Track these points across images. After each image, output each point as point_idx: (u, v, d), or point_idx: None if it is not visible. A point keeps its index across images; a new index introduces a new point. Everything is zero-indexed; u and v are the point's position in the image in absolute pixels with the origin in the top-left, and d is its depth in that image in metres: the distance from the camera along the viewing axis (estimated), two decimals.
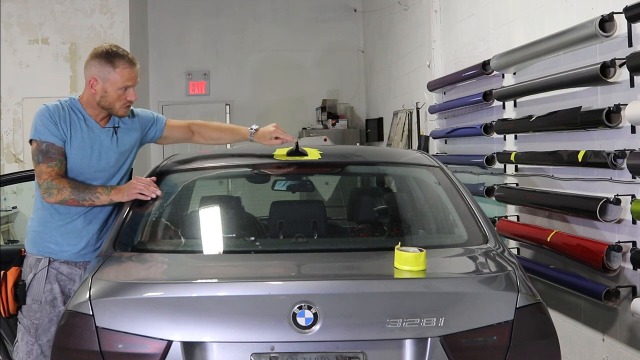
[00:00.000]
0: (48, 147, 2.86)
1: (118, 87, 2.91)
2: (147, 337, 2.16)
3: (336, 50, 10.70)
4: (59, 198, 2.85)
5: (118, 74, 2.90)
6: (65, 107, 2.95)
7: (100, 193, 2.88)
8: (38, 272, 2.93)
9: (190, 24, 10.53)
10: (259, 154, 3.39)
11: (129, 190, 2.89)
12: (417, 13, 7.30)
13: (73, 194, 2.85)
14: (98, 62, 2.92)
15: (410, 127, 7.49)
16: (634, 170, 3.28)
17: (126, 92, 2.94)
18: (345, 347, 2.18)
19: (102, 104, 2.94)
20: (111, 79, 2.90)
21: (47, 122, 2.88)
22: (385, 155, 3.78)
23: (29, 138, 2.95)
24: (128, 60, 2.94)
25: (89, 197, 2.87)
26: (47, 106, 2.93)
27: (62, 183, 2.85)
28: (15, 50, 8.62)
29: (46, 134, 2.87)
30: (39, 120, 2.89)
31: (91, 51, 2.99)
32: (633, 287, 3.48)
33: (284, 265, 2.59)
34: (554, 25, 4.12)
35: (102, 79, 2.91)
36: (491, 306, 2.24)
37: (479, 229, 2.77)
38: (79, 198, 2.86)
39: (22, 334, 2.92)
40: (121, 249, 2.66)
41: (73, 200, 2.86)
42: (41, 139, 2.87)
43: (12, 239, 7.64)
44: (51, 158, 2.87)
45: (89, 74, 2.95)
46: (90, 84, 2.93)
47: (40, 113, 2.91)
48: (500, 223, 4.77)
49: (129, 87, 2.94)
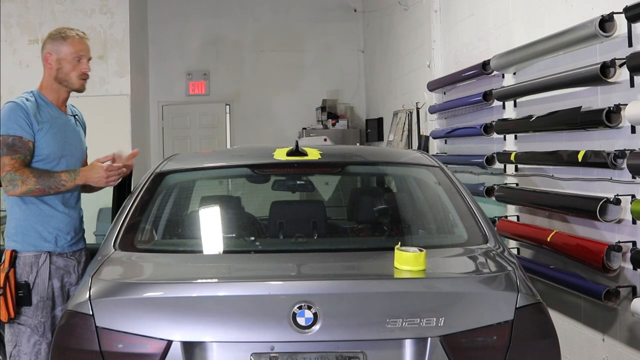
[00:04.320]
0: (14, 140, 2.88)
1: (71, 57, 3.05)
2: (147, 337, 2.17)
3: (336, 50, 10.71)
4: (24, 189, 2.86)
5: (69, 43, 3.07)
6: (32, 99, 3.01)
7: (65, 180, 2.92)
8: (40, 269, 2.93)
9: (190, 24, 10.53)
10: (259, 154, 3.39)
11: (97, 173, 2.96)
12: (417, 13, 7.30)
13: (38, 183, 2.86)
14: (50, 39, 3.10)
15: (410, 127, 7.49)
16: (634, 170, 3.28)
17: (80, 63, 3.07)
18: (345, 347, 2.18)
19: (60, 76, 3.06)
20: (63, 49, 3.05)
21: (17, 117, 2.91)
22: (385, 155, 3.78)
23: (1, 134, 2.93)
24: (77, 33, 3.12)
25: (55, 184, 2.90)
26: (16, 102, 2.97)
27: (26, 173, 2.86)
28: (15, 50, 8.62)
29: (14, 128, 2.89)
30: (8, 115, 2.91)
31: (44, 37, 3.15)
32: (633, 287, 3.47)
33: (284, 265, 2.59)
34: (554, 25, 4.12)
35: (55, 52, 3.05)
36: (491, 306, 2.24)
37: (479, 229, 2.77)
38: (45, 187, 2.88)
39: (27, 336, 2.89)
40: (121, 249, 2.66)
41: (39, 189, 2.88)
42: (8, 133, 2.89)
43: None
44: (16, 151, 2.88)
45: (43, 53, 3.09)
46: (46, 59, 3.07)
47: (10, 109, 2.94)
48: (500, 223, 4.77)
49: (82, 57, 3.08)
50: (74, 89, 3.12)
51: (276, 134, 10.45)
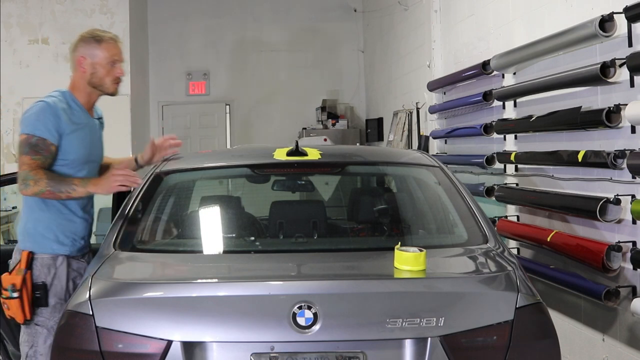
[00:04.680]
0: (38, 141, 2.85)
1: (106, 62, 3.01)
2: (147, 337, 2.17)
3: (336, 50, 10.71)
4: (35, 190, 2.84)
5: (104, 48, 3.01)
6: (63, 99, 2.97)
7: (76, 185, 2.87)
8: (58, 271, 2.92)
9: (190, 24, 10.53)
10: (259, 154, 3.39)
11: (109, 182, 2.88)
12: (417, 13, 7.30)
13: (49, 185, 2.83)
14: (83, 42, 3.04)
15: (410, 127, 7.49)
16: (634, 170, 3.28)
17: (114, 67, 3.04)
18: (345, 347, 2.18)
19: (93, 81, 3.02)
20: (98, 54, 3.01)
21: (46, 118, 2.87)
22: (385, 155, 3.78)
23: (20, 132, 2.92)
24: (111, 37, 3.07)
25: (66, 189, 2.85)
26: (47, 102, 2.92)
27: (39, 174, 2.83)
28: (15, 50, 8.62)
29: (40, 129, 2.86)
30: (37, 115, 2.87)
31: (75, 38, 3.09)
32: (633, 287, 3.48)
33: (284, 265, 2.59)
34: (554, 25, 4.12)
35: (89, 56, 3.00)
36: (491, 306, 2.24)
37: (479, 229, 2.77)
38: (56, 190, 2.84)
39: (44, 337, 2.87)
40: (121, 249, 2.65)
41: (49, 192, 2.84)
42: (34, 134, 2.86)
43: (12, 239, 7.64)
44: (37, 152, 2.85)
45: (76, 55, 3.03)
46: (79, 62, 3.01)
47: (40, 109, 2.89)
48: (500, 223, 4.77)
49: (116, 61, 3.04)
50: (107, 93, 3.09)
51: (276, 134, 10.44)
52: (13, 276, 2.85)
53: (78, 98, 3.03)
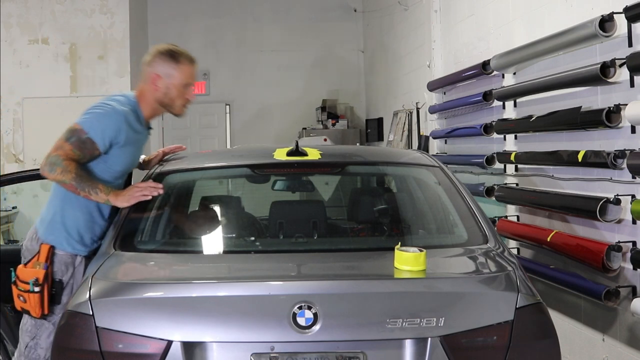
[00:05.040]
0: (87, 140, 2.78)
1: (181, 84, 2.97)
2: (147, 337, 2.16)
3: (336, 50, 10.71)
4: (58, 178, 2.77)
5: (181, 70, 2.97)
6: (131, 111, 2.90)
7: (100, 190, 2.81)
8: (76, 270, 2.91)
9: (190, 24, 10.53)
10: (259, 154, 3.39)
11: (130, 194, 2.83)
12: (417, 13, 7.30)
13: (75, 180, 2.76)
14: (161, 59, 2.97)
15: (410, 127, 7.49)
16: (634, 170, 3.28)
17: (187, 90, 3.00)
18: (345, 347, 2.18)
19: (164, 101, 2.97)
20: (174, 75, 2.96)
21: (107, 126, 2.80)
22: (385, 155, 3.78)
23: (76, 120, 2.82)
24: (189, 58, 3.02)
25: (89, 189, 2.79)
26: (118, 111, 2.84)
27: (70, 167, 2.76)
28: (15, 50, 8.62)
29: (96, 132, 2.79)
30: (101, 118, 2.81)
31: (151, 50, 3.04)
32: (633, 287, 3.48)
33: (284, 265, 2.59)
34: (554, 25, 4.12)
35: (165, 76, 2.95)
36: (491, 306, 2.24)
37: (479, 229, 2.77)
38: (79, 187, 2.78)
39: (48, 332, 2.86)
40: (121, 249, 2.65)
41: (72, 185, 2.77)
42: (88, 132, 2.78)
43: (12, 239, 7.64)
44: (81, 149, 2.79)
45: (151, 71, 2.97)
46: (153, 79, 2.95)
47: (107, 114, 2.82)
48: (500, 223, 4.77)
49: (189, 84, 3.00)
50: (173, 114, 3.05)
51: (276, 134, 10.45)
52: (34, 270, 2.82)
53: (143, 110, 2.98)
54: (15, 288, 2.85)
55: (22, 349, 2.94)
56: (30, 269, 2.83)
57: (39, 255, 2.86)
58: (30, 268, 2.84)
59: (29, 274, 2.81)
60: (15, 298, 2.86)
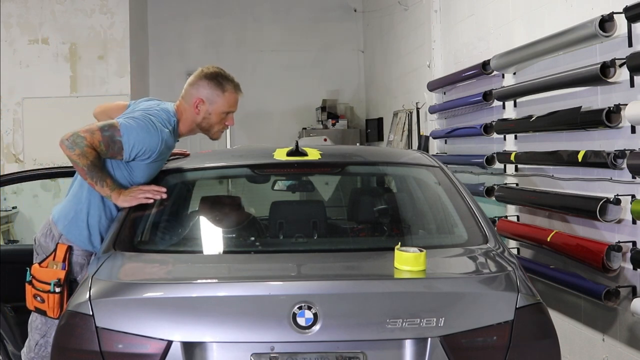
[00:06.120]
0: (118, 144, 2.74)
1: (222, 111, 2.96)
2: (147, 337, 2.16)
3: (336, 50, 10.71)
4: (73, 157, 2.70)
5: (226, 98, 2.97)
6: (171, 132, 2.87)
7: (107, 184, 2.77)
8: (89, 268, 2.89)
9: (190, 24, 10.53)
10: (259, 154, 3.39)
11: (133, 196, 2.80)
12: (417, 13, 7.30)
13: (89, 167, 2.71)
14: (208, 84, 2.97)
15: (410, 127, 7.49)
16: (634, 170, 3.28)
17: (227, 117, 3.00)
18: (345, 347, 2.18)
19: (203, 125, 2.98)
20: (218, 102, 2.96)
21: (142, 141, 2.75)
22: (385, 155, 3.78)
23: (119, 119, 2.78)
24: (235, 86, 3.01)
25: (97, 180, 2.75)
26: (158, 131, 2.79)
27: (91, 155, 2.71)
28: (15, 50, 8.62)
29: (129, 143, 2.73)
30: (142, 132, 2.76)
31: (197, 71, 3.03)
32: (633, 287, 3.48)
33: (284, 265, 2.59)
34: (554, 25, 4.12)
35: (209, 101, 2.95)
36: (491, 306, 2.24)
37: (479, 229, 2.77)
38: (89, 174, 2.74)
39: None
40: (121, 249, 2.65)
41: (83, 170, 2.73)
42: (121, 138, 2.72)
43: (12, 239, 7.65)
44: (108, 145, 2.73)
45: (195, 94, 2.96)
46: (196, 104, 2.95)
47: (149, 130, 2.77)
48: (500, 223, 4.77)
49: (230, 112, 3.00)
50: (209, 137, 3.05)
51: (276, 134, 10.45)
52: (54, 270, 2.78)
53: (181, 129, 2.98)
54: (31, 288, 2.80)
55: (32, 345, 2.92)
56: (49, 269, 2.79)
57: (55, 254, 2.83)
58: (48, 268, 2.79)
59: (49, 274, 2.78)
60: (30, 298, 2.81)
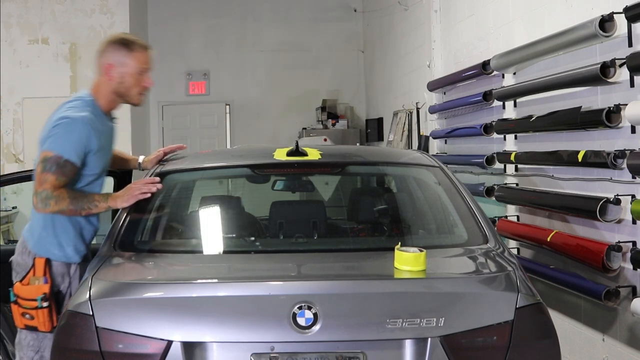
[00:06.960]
0: (66, 163, 2.71)
1: (135, 71, 2.90)
2: (147, 337, 2.16)
3: (336, 50, 10.71)
4: (55, 209, 2.72)
5: (135, 57, 2.89)
6: (90, 110, 2.83)
7: (98, 201, 2.77)
8: (72, 279, 2.86)
9: (190, 24, 10.53)
10: (259, 154, 3.39)
11: (129, 194, 2.79)
12: (417, 13, 7.30)
13: (72, 204, 2.72)
14: (113, 48, 2.90)
15: (410, 127, 7.49)
16: (634, 170, 3.28)
17: (143, 77, 2.93)
18: (345, 347, 2.18)
19: (120, 90, 2.90)
20: (128, 62, 2.88)
21: (76, 140, 2.72)
22: (385, 155, 3.78)
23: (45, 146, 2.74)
24: (142, 44, 2.94)
25: (87, 205, 2.75)
26: (78, 121, 2.75)
27: (62, 194, 2.71)
28: (15, 50, 8.62)
29: (69, 152, 2.71)
30: (68, 135, 2.72)
31: (103, 41, 2.97)
32: (633, 287, 3.48)
33: (284, 265, 2.59)
34: (554, 25, 4.12)
35: (119, 64, 2.88)
36: (491, 306, 2.24)
37: (479, 229, 2.77)
38: (77, 208, 2.74)
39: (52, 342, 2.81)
40: (121, 249, 2.65)
41: (70, 210, 2.74)
42: (62, 155, 2.70)
43: (12, 239, 7.64)
44: (64, 174, 2.72)
45: (104, 61, 2.90)
46: (106, 70, 2.88)
47: (69, 128, 2.73)
48: (500, 223, 4.77)
49: (145, 71, 2.93)
50: (131, 103, 2.99)
51: (276, 134, 10.46)
52: (37, 286, 2.75)
53: (101, 104, 2.91)
54: (17, 307, 2.77)
55: None
56: (32, 286, 2.76)
57: (34, 269, 2.80)
58: (30, 285, 2.77)
59: (32, 290, 2.75)
60: (18, 316, 2.78)
